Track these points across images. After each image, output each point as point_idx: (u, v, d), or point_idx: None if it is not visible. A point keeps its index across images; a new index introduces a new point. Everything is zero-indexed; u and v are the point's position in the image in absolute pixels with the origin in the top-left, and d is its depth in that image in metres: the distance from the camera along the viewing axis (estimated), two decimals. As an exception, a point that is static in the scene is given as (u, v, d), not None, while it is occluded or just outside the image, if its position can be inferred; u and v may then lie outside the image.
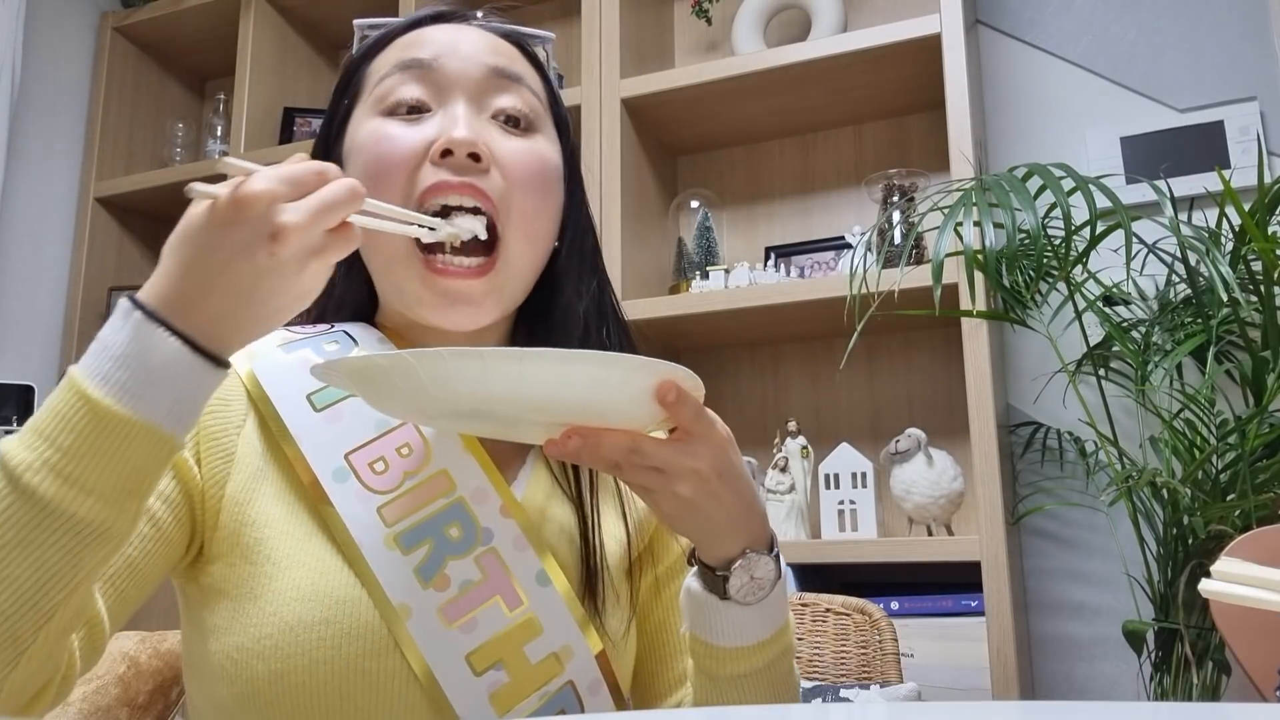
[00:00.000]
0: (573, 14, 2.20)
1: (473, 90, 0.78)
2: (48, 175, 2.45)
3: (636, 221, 2.00)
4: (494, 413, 0.62)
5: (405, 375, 0.59)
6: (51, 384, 2.37)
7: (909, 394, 1.99)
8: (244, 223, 0.55)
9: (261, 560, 0.70)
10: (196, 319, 0.57)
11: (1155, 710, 0.60)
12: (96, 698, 1.17)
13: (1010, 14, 2.07)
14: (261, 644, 0.67)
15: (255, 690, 0.67)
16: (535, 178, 0.78)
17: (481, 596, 0.71)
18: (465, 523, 0.73)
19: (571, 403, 0.59)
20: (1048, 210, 1.63)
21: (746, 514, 0.67)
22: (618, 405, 0.61)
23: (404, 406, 0.66)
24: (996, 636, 1.54)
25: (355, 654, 0.67)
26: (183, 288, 0.57)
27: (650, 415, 0.62)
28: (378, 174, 0.75)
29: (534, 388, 0.58)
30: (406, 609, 0.69)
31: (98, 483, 0.55)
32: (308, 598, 0.68)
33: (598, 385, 0.58)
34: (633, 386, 0.59)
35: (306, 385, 0.74)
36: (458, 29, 0.81)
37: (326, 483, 0.72)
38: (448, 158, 0.74)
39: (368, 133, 0.77)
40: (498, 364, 0.58)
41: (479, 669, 0.69)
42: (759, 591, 0.69)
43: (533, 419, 0.63)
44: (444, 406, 0.62)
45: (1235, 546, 0.85)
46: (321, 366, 0.64)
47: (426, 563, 0.70)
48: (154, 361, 0.56)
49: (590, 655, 0.73)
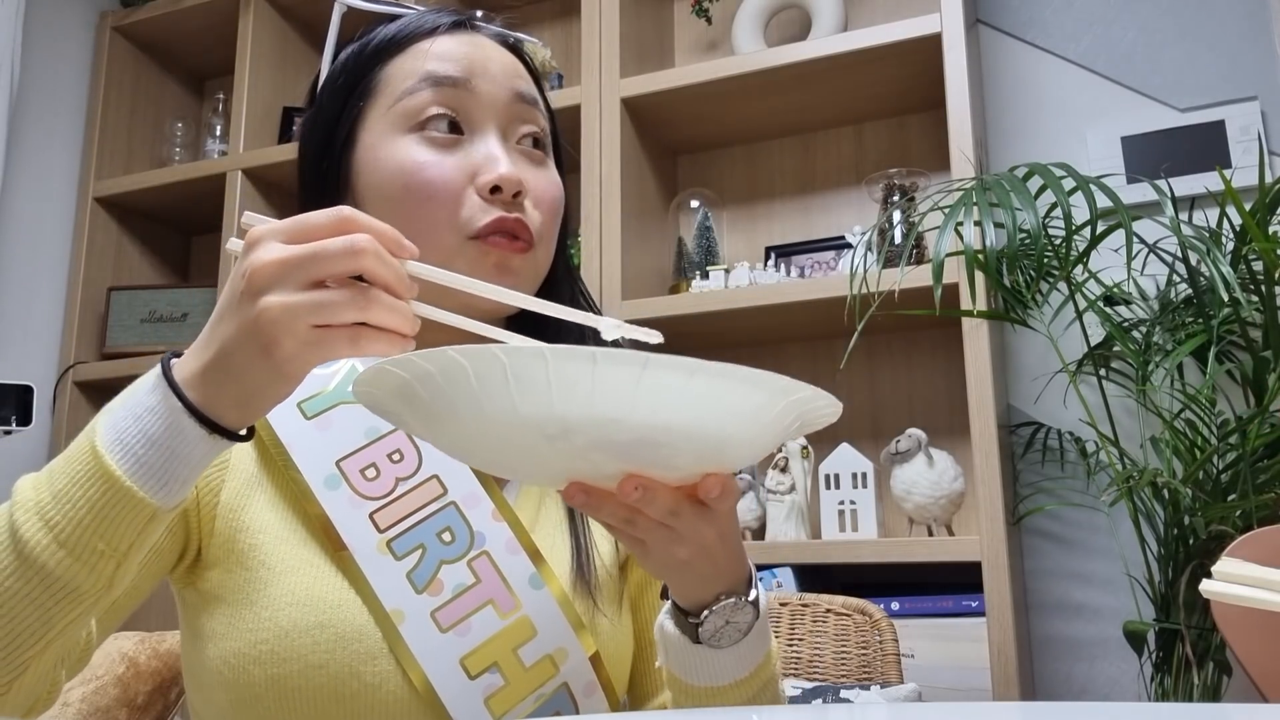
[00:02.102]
0: (573, 13, 2.20)
1: (503, 117, 0.78)
2: (47, 175, 2.45)
3: (636, 221, 2.00)
4: (569, 441, 0.50)
5: (482, 380, 0.48)
6: (51, 384, 2.37)
7: (909, 394, 1.99)
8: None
9: (256, 566, 0.70)
10: (221, 403, 0.56)
11: (1156, 711, 0.59)
12: (96, 698, 1.17)
13: (1011, 13, 2.06)
14: (257, 649, 0.67)
15: (253, 695, 0.67)
16: (556, 206, 0.80)
17: (475, 600, 0.71)
18: (458, 527, 0.74)
19: (678, 427, 0.49)
20: (1048, 210, 1.63)
21: (730, 562, 0.63)
22: (740, 436, 0.50)
23: (458, 426, 0.52)
24: (997, 637, 1.54)
25: (350, 658, 0.67)
26: (208, 374, 0.56)
27: (761, 448, 0.54)
28: (420, 202, 0.74)
29: (649, 404, 0.48)
30: (400, 614, 0.69)
31: (70, 535, 0.56)
32: (302, 603, 0.68)
33: (725, 407, 0.49)
34: (766, 413, 0.50)
35: (297, 393, 0.74)
36: (476, 42, 0.80)
37: (318, 489, 0.72)
38: (496, 194, 0.75)
39: (400, 154, 0.76)
40: (614, 370, 0.46)
41: (474, 672, 0.69)
42: (735, 635, 0.66)
43: (610, 453, 0.51)
44: (515, 428, 0.49)
45: (1236, 547, 0.85)
46: (363, 381, 0.54)
47: (420, 567, 0.71)
48: (180, 451, 0.56)
49: (585, 657, 0.74)
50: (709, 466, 0.55)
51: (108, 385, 2.35)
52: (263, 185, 2.34)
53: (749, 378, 0.48)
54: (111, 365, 2.36)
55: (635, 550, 0.61)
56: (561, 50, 2.33)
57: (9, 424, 1.97)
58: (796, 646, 1.31)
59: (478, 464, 0.66)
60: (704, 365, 0.47)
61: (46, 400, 2.35)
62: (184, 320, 2.39)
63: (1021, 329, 1.84)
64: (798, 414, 0.52)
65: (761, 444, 0.53)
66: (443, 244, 0.74)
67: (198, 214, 2.48)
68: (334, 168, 0.79)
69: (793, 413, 0.52)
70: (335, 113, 0.80)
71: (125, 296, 2.43)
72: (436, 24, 0.80)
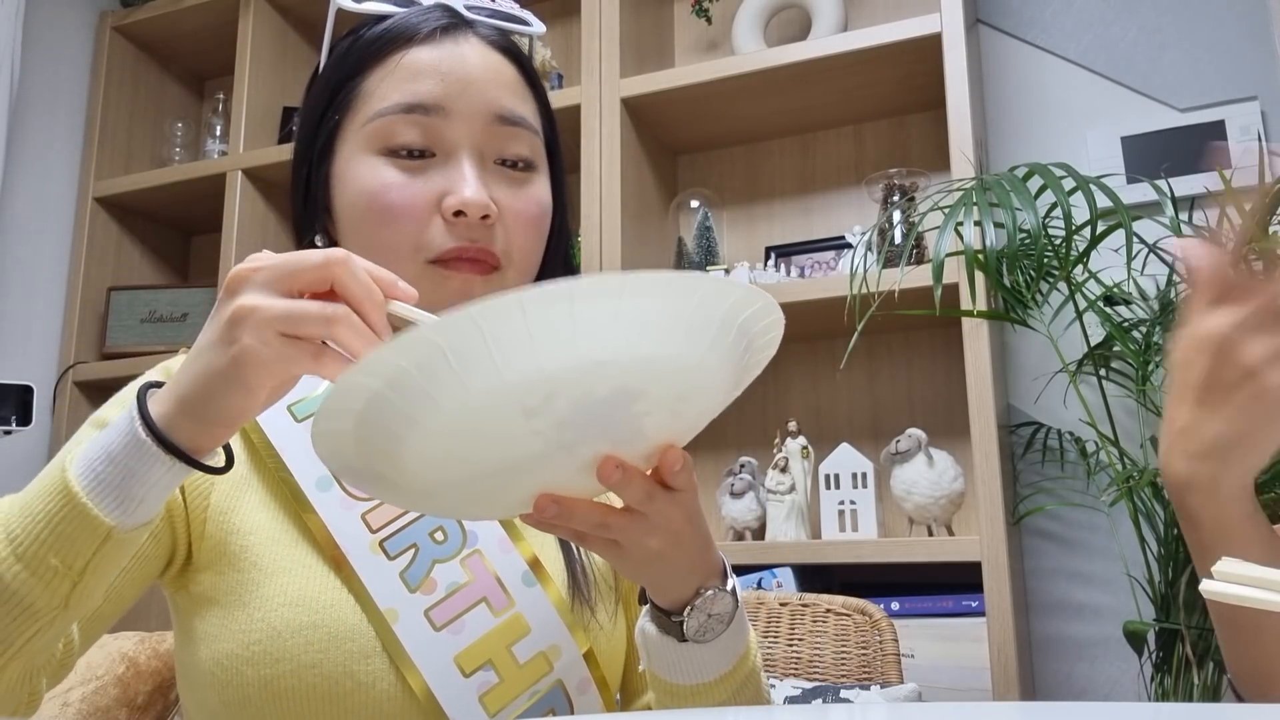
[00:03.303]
0: (573, 13, 2.20)
1: (479, 138, 0.75)
2: (47, 175, 2.45)
3: (636, 221, 2.00)
4: (551, 413, 0.49)
5: (461, 355, 0.46)
6: (51, 384, 2.37)
7: (909, 394, 1.99)
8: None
9: (248, 567, 0.70)
10: (182, 418, 0.56)
11: (1156, 711, 0.59)
12: (96, 698, 1.17)
13: (1011, 13, 2.06)
14: (250, 650, 0.67)
15: (245, 697, 0.67)
16: (533, 223, 0.77)
17: (468, 599, 0.71)
18: (450, 526, 0.74)
19: (628, 357, 0.48)
20: (1048, 210, 1.62)
21: (703, 553, 0.64)
22: (684, 357, 0.49)
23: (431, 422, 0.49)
24: (997, 637, 1.54)
25: (343, 658, 0.67)
26: (183, 406, 0.56)
27: (719, 382, 0.53)
28: (381, 225, 0.73)
29: (631, 333, 0.47)
30: (394, 613, 0.69)
31: (28, 549, 0.55)
32: (295, 603, 0.68)
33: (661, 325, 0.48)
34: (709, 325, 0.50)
35: (288, 396, 0.74)
36: (459, 48, 0.76)
37: (310, 491, 0.72)
38: (460, 217, 0.72)
39: (366, 175, 0.74)
40: (592, 306, 0.45)
41: (468, 670, 0.70)
42: (718, 627, 0.66)
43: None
44: (497, 410, 0.48)
45: (1237, 547, 0.84)
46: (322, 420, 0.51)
47: (413, 566, 0.71)
48: (137, 469, 0.56)
49: (578, 654, 0.74)
50: (675, 428, 0.55)
51: (107, 385, 2.35)
52: (263, 185, 2.34)
53: (700, 283, 0.48)
54: (111, 365, 2.36)
55: (609, 554, 0.61)
56: (561, 50, 2.33)
57: (9, 424, 1.97)
58: (796, 646, 1.31)
59: (446, 508, 0.61)
60: (673, 277, 0.47)
61: (46, 400, 2.35)
62: (184, 320, 2.39)
63: (1021, 329, 1.84)
64: (737, 325, 0.52)
65: (716, 371, 0.52)
66: (403, 269, 0.71)
67: (198, 214, 2.48)
68: (315, 178, 0.79)
69: (733, 322, 0.51)
70: (315, 123, 0.79)
71: (125, 296, 2.43)
72: (418, 29, 0.76)
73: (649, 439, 0.55)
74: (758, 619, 1.35)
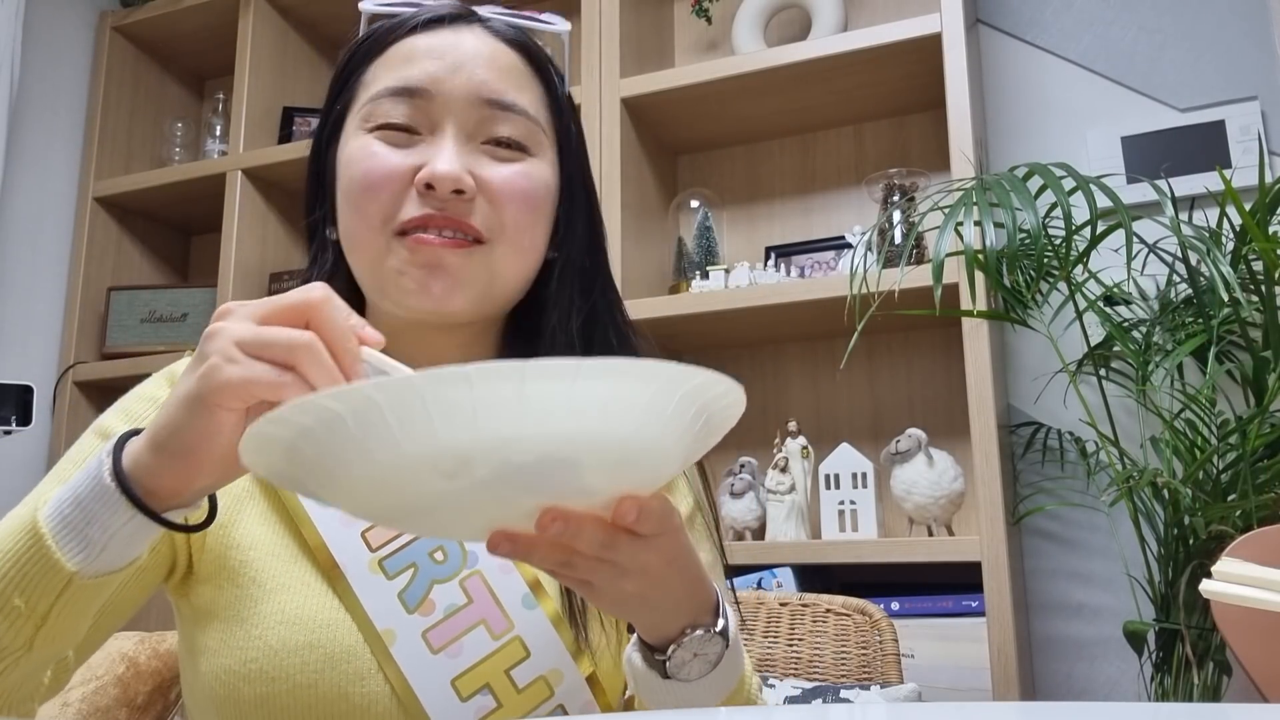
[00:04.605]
0: (573, 13, 2.19)
1: (465, 118, 0.74)
2: (47, 175, 2.45)
3: (636, 221, 2.00)
4: (470, 475, 0.46)
5: (362, 424, 0.43)
6: (50, 384, 2.37)
7: (909, 394, 1.99)
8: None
9: (247, 583, 0.70)
10: (147, 459, 0.55)
11: (1156, 711, 0.59)
12: (96, 698, 1.17)
13: (1011, 13, 2.06)
14: (247, 667, 0.67)
15: (241, 714, 0.67)
16: (523, 197, 0.75)
17: (467, 621, 0.70)
18: (450, 546, 0.73)
19: (579, 437, 0.45)
20: (1048, 210, 1.63)
21: (691, 594, 0.60)
22: (642, 439, 0.46)
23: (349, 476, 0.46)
24: (997, 637, 1.54)
25: (339, 679, 0.67)
26: (153, 439, 0.55)
27: (673, 455, 0.49)
28: (360, 192, 0.73)
29: (537, 416, 0.44)
30: (391, 634, 0.68)
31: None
32: (292, 621, 0.68)
33: (620, 406, 0.44)
34: (663, 407, 0.46)
35: None
36: (458, 36, 0.76)
37: (310, 508, 0.72)
38: (431, 191, 0.71)
39: (354, 150, 0.74)
40: (492, 386, 0.42)
41: (465, 694, 0.69)
42: (704, 667, 0.62)
43: (523, 479, 0.47)
44: (409, 471, 0.45)
45: (1236, 547, 0.84)
46: (248, 450, 0.48)
47: (411, 587, 0.70)
48: (98, 515, 0.55)
49: (581, 679, 0.72)
50: (626, 485, 0.51)
51: (107, 385, 2.35)
52: (263, 185, 2.33)
53: (633, 369, 0.44)
54: (111, 365, 2.35)
55: (584, 592, 0.57)
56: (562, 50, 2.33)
57: (9, 424, 1.97)
58: (796, 646, 1.31)
59: (398, 527, 0.60)
60: (585, 364, 0.43)
61: (46, 400, 2.34)
62: (184, 320, 2.38)
63: (1021, 329, 1.84)
64: (699, 405, 0.48)
65: (670, 448, 0.48)
66: (374, 241, 0.72)
67: (197, 214, 2.47)
68: (322, 169, 0.80)
69: (692, 405, 0.47)
70: (324, 117, 0.80)
71: (125, 296, 2.43)
72: (414, 20, 0.77)
73: (599, 494, 0.51)
74: (758, 619, 1.35)
